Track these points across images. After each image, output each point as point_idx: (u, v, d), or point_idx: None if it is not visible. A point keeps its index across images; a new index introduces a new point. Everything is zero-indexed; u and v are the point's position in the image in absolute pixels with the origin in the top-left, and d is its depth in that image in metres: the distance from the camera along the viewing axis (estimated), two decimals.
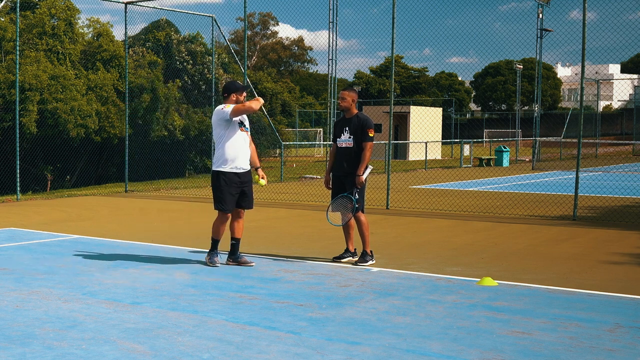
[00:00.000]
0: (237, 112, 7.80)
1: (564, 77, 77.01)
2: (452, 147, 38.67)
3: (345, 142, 8.11)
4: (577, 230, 11.15)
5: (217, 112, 7.89)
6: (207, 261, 8.06)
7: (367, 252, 8.14)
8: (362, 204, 8.12)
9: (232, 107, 7.80)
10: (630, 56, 66.49)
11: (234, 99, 7.98)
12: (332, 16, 24.17)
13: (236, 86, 8.08)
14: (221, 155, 7.88)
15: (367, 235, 8.11)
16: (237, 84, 8.14)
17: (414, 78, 73.77)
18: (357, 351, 4.87)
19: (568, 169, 28.20)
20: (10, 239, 9.95)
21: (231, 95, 7.99)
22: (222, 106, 7.93)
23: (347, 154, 8.09)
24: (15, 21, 16.39)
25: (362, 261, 8.09)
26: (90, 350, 4.84)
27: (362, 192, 8.10)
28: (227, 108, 7.82)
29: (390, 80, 15.16)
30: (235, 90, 8.01)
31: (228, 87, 8.09)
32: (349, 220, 8.14)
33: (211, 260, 8.03)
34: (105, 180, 24.64)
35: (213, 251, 8.09)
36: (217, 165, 7.91)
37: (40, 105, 20.70)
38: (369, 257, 8.13)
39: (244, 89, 8.09)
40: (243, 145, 7.97)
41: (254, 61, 72.29)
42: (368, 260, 8.10)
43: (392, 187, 16.29)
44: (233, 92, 8.00)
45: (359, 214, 8.05)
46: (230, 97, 7.99)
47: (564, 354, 4.83)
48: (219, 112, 7.87)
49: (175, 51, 27.33)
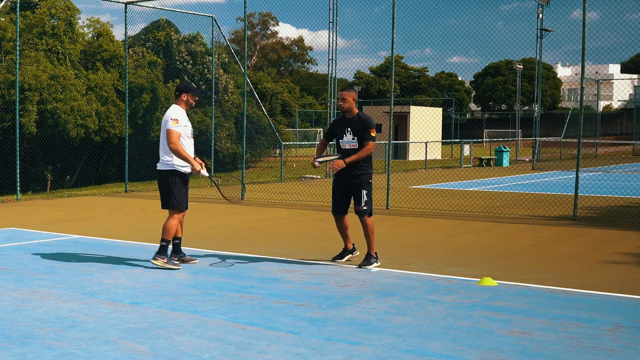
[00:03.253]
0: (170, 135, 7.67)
1: (564, 77, 77.02)
2: (452, 147, 38.68)
3: (350, 144, 7.99)
4: (577, 230, 11.14)
5: (166, 121, 7.76)
6: (165, 264, 7.77)
7: (372, 255, 8.06)
8: (370, 208, 8.03)
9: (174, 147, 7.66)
10: (630, 56, 66.51)
11: (184, 99, 7.90)
12: (332, 16, 24.17)
13: (189, 87, 7.98)
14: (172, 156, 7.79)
15: (372, 239, 8.03)
16: (190, 86, 8.04)
17: (414, 78, 73.79)
18: (357, 351, 4.87)
19: (568, 169, 28.20)
20: (10, 239, 9.95)
21: (182, 95, 7.91)
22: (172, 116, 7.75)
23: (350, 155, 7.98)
24: (15, 21, 16.39)
25: (366, 263, 8.00)
26: (90, 350, 4.84)
27: (370, 195, 8.02)
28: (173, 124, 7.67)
29: (390, 80, 15.15)
30: (187, 91, 7.92)
31: (182, 87, 7.99)
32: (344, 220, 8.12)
33: (173, 262, 7.85)
34: (105, 180, 24.63)
35: (167, 253, 7.89)
36: (170, 165, 7.80)
37: (40, 105, 20.69)
38: (374, 259, 8.06)
39: (197, 92, 8.00)
40: (191, 148, 7.94)
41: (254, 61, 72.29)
42: (373, 262, 8.02)
43: (392, 187, 16.29)
44: (185, 92, 7.91)
45: (365, 217, 7.97)
46: (181, 96, 7.91)
47: (564, 354, 4.83)
48: (167, 122, 7.74)
49: (175, 51, 27.32)
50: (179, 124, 7.73)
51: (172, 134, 7.70)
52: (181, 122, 7.76)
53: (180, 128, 7.75)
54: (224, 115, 27.07)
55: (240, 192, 16.45)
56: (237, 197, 15.84)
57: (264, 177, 23.22)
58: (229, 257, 8.55)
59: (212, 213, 13.52)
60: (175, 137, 7.70)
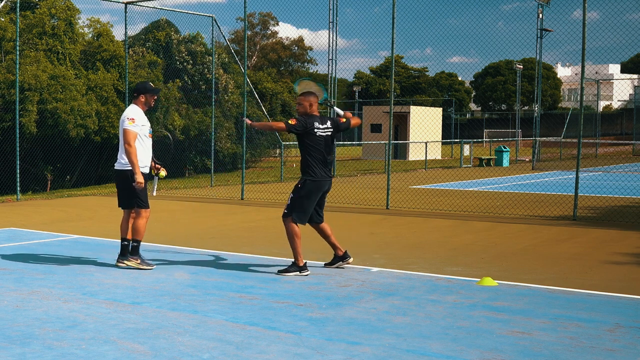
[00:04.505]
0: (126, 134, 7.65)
1: (564, 77, 77.04)
2: (452, 147, 38.67)
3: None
4: (577, 230, 11.14)
5: (123, 121, 7.73)
6: (139, 264, 7.75)
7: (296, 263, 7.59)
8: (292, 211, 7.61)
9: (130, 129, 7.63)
10: (630, 56, 66.55)
11: (142, 100, 7.85)
12: (332, 16, 24.19)
13: (147, 88, 7.90)
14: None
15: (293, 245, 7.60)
16: (148, 86, 7.93)
17: (414, 78, 73.83)
18: (357, 351, 4.87)
19: (568, 169, 28.20)
20: (10, 239, 9.95)
21: (140, 96, 7.85)
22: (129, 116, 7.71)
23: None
24: (15, 21, 16.39)
25: (284, 270, 7.58)
26: (90, 350, 4.84)
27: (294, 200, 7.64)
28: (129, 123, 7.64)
29: (390, 80, 15.16)
30: (145, 92, 7.86)
31: (140, 87, 7.91)
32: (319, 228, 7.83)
33: (147, 263, 7.82)
34: (105, 180, 24.61)
35: (139, 253, 7.88)
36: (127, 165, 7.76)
37: (40, 105, 20.69)
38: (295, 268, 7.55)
39: (155, 92, 7.92)
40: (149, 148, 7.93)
41: (254, 61, 72.26)
42: (291, 271, 7.54)
43: (392, 187, 16.29)
44: (143, 93, 7.85)
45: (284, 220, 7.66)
46: (139, 97, 7.85)
47: (564, 354, 4.83)
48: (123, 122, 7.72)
49: (175, 51, 27.32)
50: (135, 124, 7.71)
51: (128, 133, 7.68)
52: (138, 122, 7.74)
53: (137, 128, 7.73)
54: (224, 115, 27.07)
55: (240, 192, 16.45)
56: (238, 197, 15.80)
57: (264, 177, 23.23)
58: (229, 257, 8.55)
59: (212, 213, 13.52)
60: (131, 136, 7.68)
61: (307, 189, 7.60)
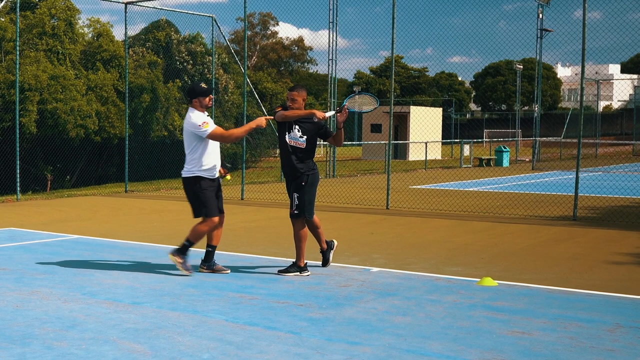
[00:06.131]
0: (214, 137, 7.43)
1: (564, 77, 77.05)
2: (452, 147, 38.67)
3: (296, 142, 7.54)
4: (577, 230, 11.14)
5: (191, 124, 7.45)
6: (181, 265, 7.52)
7: (298, 264, 7.61)
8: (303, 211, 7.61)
9: (212, 131, 7.40)
10: (630, 56, 66.58)
11: (197, 103, 7.54)
12: (332, 16, 24.18)
13: (196, 91, 7.57)
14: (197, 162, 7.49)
15: (299, 246, 7.61)
16: (199, 88, 7.59)
17: (414, 78, 73.79)
18: (357, 351, 4.87)
19: (568, 169, 28.20)
20: (10, 239, 9.95)
21: (193, 100, 7.56)
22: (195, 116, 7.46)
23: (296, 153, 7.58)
24: (15, 21, 16.39)
25: (284, 270, 7.60)
26: (90, 350, 4.84)
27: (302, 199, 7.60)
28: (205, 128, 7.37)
29: (390, 80, 15.15)
30: (194, 96, 7.55)
31: (190, 91, 7.64)
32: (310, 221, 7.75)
33: (187, 267, 7.55)
34: (105, 180, 24.63)
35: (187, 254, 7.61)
36: (192, 172, 7.50)
37: (40, 105, 20.70)
38: (296, 269, 7.58)
39: (208, 92, 7.59)
40: (217, 152, 7.68)
41: (254, 61, 72.24)
42: (292, 271, 7.57)
43: (392, 187, 16.29)
44: (193, 97, 7.56)
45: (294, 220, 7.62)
46: (193, 101, 7.56)
47: (564, 354, 4.83)
48: (192, 125, 7.44)
49: (175, 51, 27.33)
50: (209, 124, 7.46)
51: (215, 134, 7.43)
52: (209, 121, 7.50)
53: (213, 125, 7.51)
54: (224, 115, 27.07)
55: (240, 192, 16.45)
56: (237, 197, 15.82)
57: (264, 177, 23.22)
58: (229, 257, 8.55)
59: None
60: (218, 131, 7.45)
61: (311, 181, 7.64)
